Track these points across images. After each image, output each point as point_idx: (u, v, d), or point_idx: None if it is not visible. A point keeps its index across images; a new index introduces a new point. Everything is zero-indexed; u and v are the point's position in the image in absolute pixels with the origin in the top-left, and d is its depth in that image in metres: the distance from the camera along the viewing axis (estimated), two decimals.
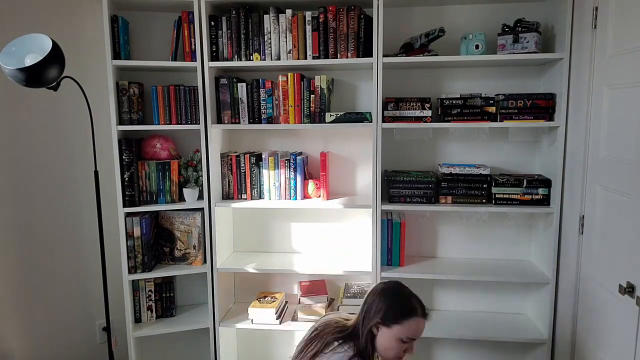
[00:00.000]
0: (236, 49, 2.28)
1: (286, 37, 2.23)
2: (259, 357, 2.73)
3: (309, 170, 2.50)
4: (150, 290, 2.46)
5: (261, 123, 2.33)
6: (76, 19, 2.51)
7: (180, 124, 2.35)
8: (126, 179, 2.29)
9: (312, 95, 2.27)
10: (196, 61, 2.28)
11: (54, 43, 1.88)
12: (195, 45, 2.28)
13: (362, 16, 2.18)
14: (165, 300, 2.52)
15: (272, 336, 2.67)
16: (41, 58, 1.83)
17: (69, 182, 2.55)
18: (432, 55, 2.15)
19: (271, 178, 2.38)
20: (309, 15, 2.20)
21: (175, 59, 2.34)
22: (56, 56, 1.90)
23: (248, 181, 2.41)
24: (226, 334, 2.54)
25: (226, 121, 2.35)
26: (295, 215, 2.59)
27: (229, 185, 2.43)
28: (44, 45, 1.86)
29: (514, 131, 2.37)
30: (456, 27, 2.30)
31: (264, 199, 2.40)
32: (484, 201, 2.26)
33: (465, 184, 2.26)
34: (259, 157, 2.39)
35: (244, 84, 2.31)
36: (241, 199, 2.42)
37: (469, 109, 2.19)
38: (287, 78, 2.27)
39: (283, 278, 2.63)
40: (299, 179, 2.36)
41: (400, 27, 2.35)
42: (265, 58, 2.26)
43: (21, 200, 2.41)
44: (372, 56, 2.16)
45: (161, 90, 2.31)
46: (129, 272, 2.35)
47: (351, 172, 2.52)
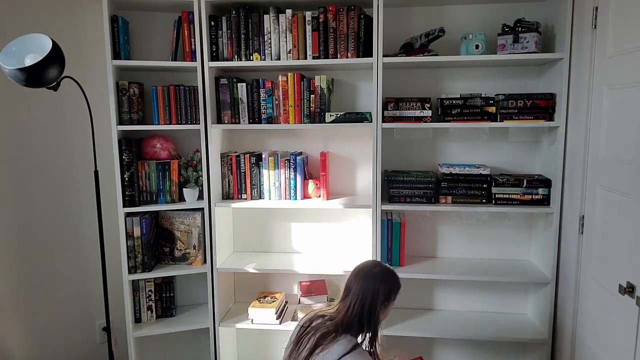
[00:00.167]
0: (236, 49, 2.28)
1: (286, 37, 2.23)
2: (259, 357, 2.73)
3: (309, 170, 2.50)
4: (150, 290, 2.46)
5: (261, 123, 2.33)
6: (76, 19, 2.51)
7: (180, 124, 2.35)
8: (126, 179, 2.29)
9: (312, 95, 2.27)
10: (196, 61, 2.28)
11: (54, 43, 1.88)
12: (195, 45, 2.28)
13: (362, 16, 2.18)
14: (165, 300, 2.52)
15: (272, 336, 2.67)
16: (41, 58, 1.83)
17: (69, 182, 2.55)
18: (432, 55, 2.15)
19: (271, 178, 2.38)
20: (309, 15, 2.20)
21: (175, 59, 2.34)
22: (56, 56, 1.90)
23: (248, 181, 2.41)
24: (226, 334, 2.54)
25: (226, 121, 2.35)
26: (295, 215, 2.59)
27: (229, 185, 2.43)
28: (44, 45, 1.86)
29: (514, 131, 2.37)
30: (456, 27, 2.30)
31: (264, 199, 2.40)
32: (484, 201, 2.26)
33: (465, 184, 2.26)
34: (259, 157, 2.39)
35: (244, 84, 2.31)
36: (241, 199, 2.42)
37: (469, 109, 2.19)
38: (287, 78, 2.27)
39: (283, 278, 2.63)
40: (299, 179, 2.36)
41: (400, 27, 2.35)
42: (265, 58, 2.26)
43: (21, 200, 2.41)
44: (372, 56, 2.16)
45: (161, 90, 2.31)
46: (129, 272, 2.35)
47: (351, 172, 2.52)
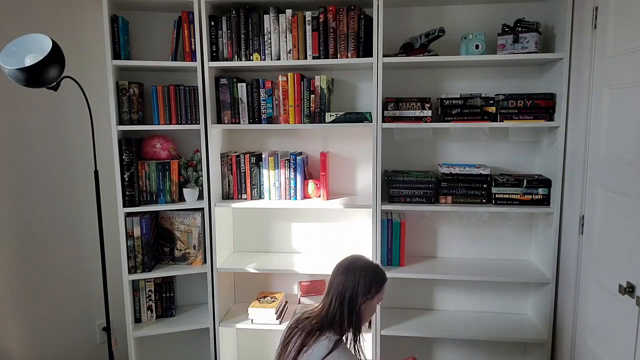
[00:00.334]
0: (236, 49, 2.28)
1: (286, 37, 2.23)
2: (259, 357, 2.73)
3: (309, 170, 2.50)
4: (150, 290, 2.46)
5: (261, 123, 2.33)
6: (76, 19, 2.51)
7: (180, 124, 2.35)
8: (126, 179, 2.29)
9: (312, 95, 2.27)
10: (196, 61, 2.28)
11: (54, 43, 1.88)
12: (195, 45, 2.28)
13: (362, 16, 2.18)
14: (165, 300, 2.52)
15: (272, 336, 2.67)
16: (41, 58, 1.83)
17: (69, 182, 2.55)
18: (432, 55, 2.15)
19: (271, 178, 2.38)
20: (309, 15, 2.20)
21: (175, 59, 2.34)
22: (56, 56, 1.90)
23: (248, 181, 2.40)
24: (226, 334, 2.54)
25: (226, 121, 2.35)
26: (295, 215, 2.59)
27: (229, 185, 2.43)
28: (44, 45, 1.86)
29: (514, 131, 2.37)
30: (456, 27, 2.29)
31: (264, 199, 2.40)
32: (484, 201, 2.26)
33: (465, 184, 2.26)
34: (259, 157, 2.39)
35: (244, 84, 2.31)
36: (241, 199, 2.42)
37: (469, 109, 2.19)
38: (287, 78, 2.27)
39: (283, 278, 2.63)
40: (299, 179, 2.36)
41: (400, 27, 2.35)
42: (265, 58, 2.26)
43: (21, 200, 2.41)
44: (372, 56, 2.16)
45: (161, 90, 2.31)
46: (129, 272, 2.35)
47: (351, 172, 2.52)
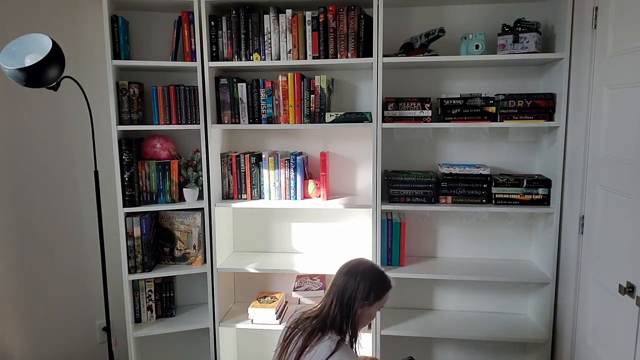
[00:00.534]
0: (236, 49, 2.28)
1: (286, 37, 2.23)
2: (259, 357, 2.73)
3: (309, 170, 2.50)
4: (150, 290, 2.46)
5: (261, 123, 2.33)
6: (76, 19, 2.51)
7: (180, 124, 2.35)
8: (126, 179, 2.29)
9: (312, 95, 2.27)
10: (196, 61, 2.28)
11: (54, 43, 1.88)
12: (195, 45, 2.28)
13: (362, 16, 2.18)
14: (165, 300, 2.52)
15: (272, 336, 2.67)
16: (41, 58, 1.83)
17: (69, 182, 2.55)
18: (432, 55, 2.15)
19: (271, 178, 2.38)
20: (309, 15, 2.20)
21: (175, 59, 2.34)
22: (56, 56, 1.90)
23: (248, 181, 2.40)
24: (226, 334, 2.54)
25: (226, 121, 2.34)
26: (295, 215, 2.59)
27: (229, 185, 2.43)
28: (44, 45, 1.86)
29: (514, 131, 2.37)
30: (456, 27, 2.29)
31: (264, 199, 2.40)
32: (484, 201, 2.26)
33: (465, 184, 2.26)
34: (259, 157, 2.39)
35: (244, 84, 2.31)
36: (241, 199, 2.42)
37: (469, 109, 2.19)
38: (287, 78, 2.27)
39: (283, 278, 2.63)
40: (299, 179, 2.36)
41: (400, 27, 2.35)
42: (265, 58, 2.26)
43: (21, 200, 2.41)
44: (372, 56, 2.16)
45: (161, 90, 2.31)
46: (129, 272, 2.35)
47: (351, 172, 2.52)
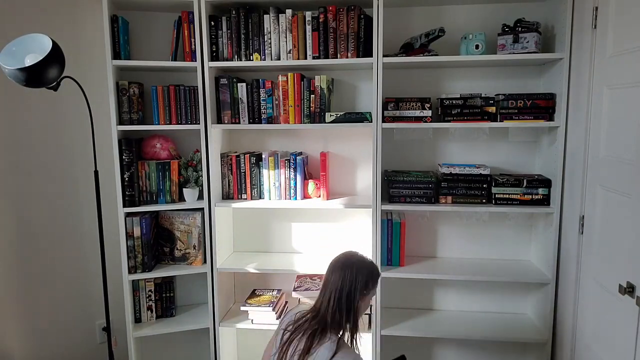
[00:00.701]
0: (236, 49, 2.28)
1: (286, 37, 2.23)
2: (259, 357, 2.72)
3: (309, 170, 2.50)
4: (150, 290, 2.46)
5: (261, 123, 2.33)
6: (76, 19, 2.51)
7: (180, 124, 2.35)
8: (126, 179, 2.29)
9: (312, 95, 2.27)
10: (196, 61, 2.28)
11: (54, 43, 1.88)
12: (195, 45, 2.28)
13: (362, 16, 2.18)
14: (165, 300, 2.52)
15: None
16: (41, 58, 1.83)
17: (69, 182, 2.55)
18: (432, 55, 2.15)
19: (271, 178, 2.38)
20: (309, 15, 2.20)
21: (175, 59, 2.34)
22: (56, 56, 1.90)
23: (248, 181, 2.40)
24: (226, 334, 2.54)
25: (226, 121, 2.34)
26: (295, 215, 2.59)
27: (229, 185, 2.43)
28: (44, 45, 1.86)
29: (514, 131, 2.37)
30: (456, 27, 2.29)
31: (264, 199, 2.40)
32: (484, 201, 2.26)
33: (465, 184, 2.26)
34: (259, 157, 2.39)
35: (244, 84, 2.31)
36: (241, 199, 2.42)
37: (469, 109, 2.19)
38: (287, 78, 2.27)
39: (283, 278, 2.63)
40: (299, 179, 2.36)
41: (400, 27, 2.35)
42: (265, 58, 2.26)
43: (21, 200, 2.41)
44: (372, 56, 2.16)
45: (161, 90, 2.31)
46: (129, 272, 2.35)
47: (351, 172, 2.52)
